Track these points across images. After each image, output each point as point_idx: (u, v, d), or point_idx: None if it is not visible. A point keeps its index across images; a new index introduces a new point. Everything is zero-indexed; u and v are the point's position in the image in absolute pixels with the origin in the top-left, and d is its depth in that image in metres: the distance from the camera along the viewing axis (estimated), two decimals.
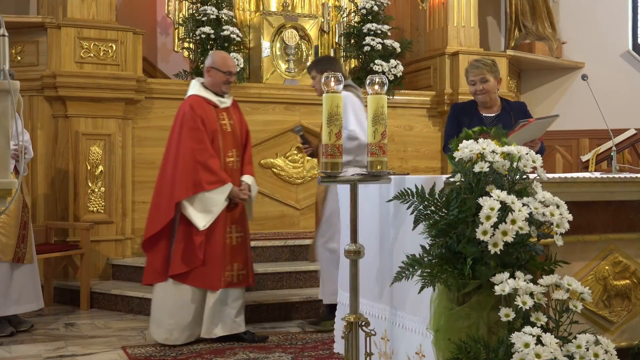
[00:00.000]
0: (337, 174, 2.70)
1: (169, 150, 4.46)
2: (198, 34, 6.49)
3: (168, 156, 4.45)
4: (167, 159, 4.44)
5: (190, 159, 4.33)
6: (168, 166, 4.41)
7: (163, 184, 4.40)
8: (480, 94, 4.03)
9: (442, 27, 7.51)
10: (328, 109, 2.70)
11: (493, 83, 4.03)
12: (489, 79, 4.01)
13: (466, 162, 2.53)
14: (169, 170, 4.39)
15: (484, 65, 4.03)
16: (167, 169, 4.41)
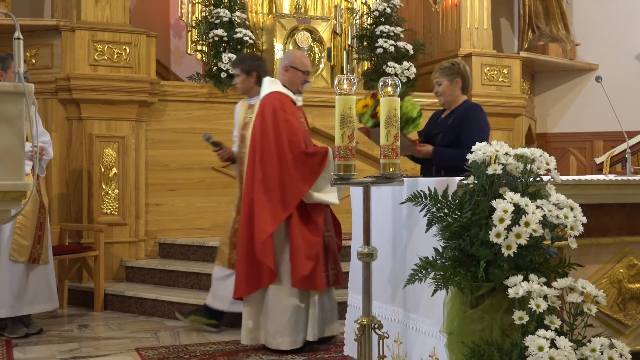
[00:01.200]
0: (350, 176, 2.70)
1: (268, 147, 4.27)
2: (211, 36, 6.52)
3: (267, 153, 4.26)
4: (269, 157, 4.26)
5: (297, 151, 4.20)
6: (272, 163, 4.24)
7: (271, 181, 4.22)
8: (437, 96, 4.18)
9: (455, 29, 7.50)
10: (340, 111, 2.70)
11: (446, 85, 4.11)
12: (442, 82, 4.13)
13: (479, 164, 2.52)
14: (275, 168, 4.23)
15: (440, 69, 4.17)
16: (272, 166, 4.24)
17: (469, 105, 4.09)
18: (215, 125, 6.49)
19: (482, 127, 4.00)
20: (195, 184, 6.44)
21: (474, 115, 3.99)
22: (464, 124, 3.95)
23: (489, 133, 4.05)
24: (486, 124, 4.04)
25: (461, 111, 4.07)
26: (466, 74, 4.14)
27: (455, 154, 3.90)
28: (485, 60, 7.35)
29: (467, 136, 3.91)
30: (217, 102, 6.51)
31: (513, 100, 7.42)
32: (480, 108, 4.10)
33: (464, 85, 4.13)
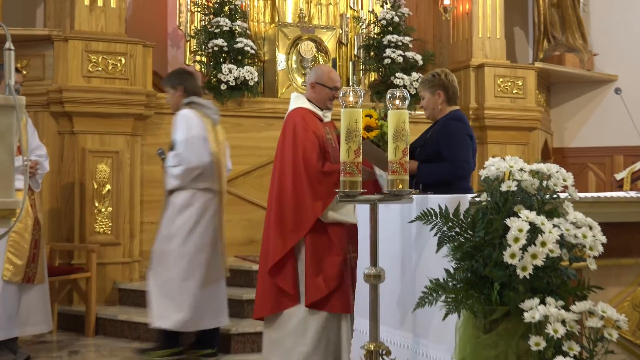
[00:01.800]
0: (356, 193, 2.70)
1: (284, 166, 4.32)
2: (210, 46, 6.55)
3: (283, 172, 4.32)
4: (284, 176, 4.31)
5: (312, 170, 4.22)
6: (287, 182, 4.28)
7: (285, 202, 4.25)
8: (423, 110, 4.22)
9: (467, 39, 7.53)
10: (347, 124, 2.71)
11: (428, 99, 4.14)
12: (424, 96, 4.16)
13: (493, 181, 2.52)
14: (290, 187, 4.25)
15: (421, 82, 4.21)
16: (287, 186, 4.27)
17: (446, 118, 4.08)
18: None
19: (461, 138, 4.00)
20: None
21: (451, 128, 4.00)
22: (442, 138, 3.97)
23: (469, 144, 4.04)
24: (464, 134, 4.03)
25: (439, 124, 4.07)
26: (449, 84, 4.13)
27: (436, 170, 3.92)
28: (498, 71, 7.37)
29: (447, 150, 3.94)
30: None
31: (528, 113, 7.43)
32: (460, 118, 4.08)
33: (449, 96, 4.13)
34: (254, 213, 6.59)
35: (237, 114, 6.59)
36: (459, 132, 4.01)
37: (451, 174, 3.93)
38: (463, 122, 4.08)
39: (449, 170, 3.93)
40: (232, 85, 6.45)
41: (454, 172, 3.93)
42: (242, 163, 6.57)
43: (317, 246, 4.18)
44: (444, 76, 4.15)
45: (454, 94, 4.15)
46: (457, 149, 3.97)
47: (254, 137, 6.64)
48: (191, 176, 4.89)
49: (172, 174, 4.91)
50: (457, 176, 3.95)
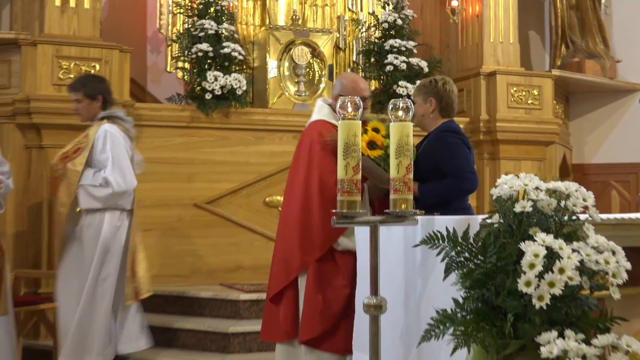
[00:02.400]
0: (355, 214, 2.71)
1: (295, 185, 4.31)
2: (194, 51, 6.58)
3: (294, 192, 4.30)
4: (294, 196, 4.29)
5: (329, 194, 4.12)
6: (296, 204, 4.26)
7: (292, 226, 4.24)
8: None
9: (477, 44, 7.57)
10: (344, 138, 2.72)
11: (419, 105, 4.18)
12: (416, 101, 4.20)
13: (505, 201, 2.53)
14: (298, 209, 4.23)
15: (417, 86, 4.26)
16: (295, 207, 4.26)
17: (439, 130, 4.11)
18: (198, 154, 6.52)
19: (461, 149, 4.04)
20: (174, 223, 6.44)
21: (447, 139, 4.03)
22: (439, 152, 3.99)
23: (468, 153, 4.08)
24: (462, 145, 4.07)
25: (432, 138, 4.09)
26: (445, 94, 4.16)
27: (440, 188, 3.95)
28: (511, 79, 7.41)
29: (448, 164, 3.98)
30: (200, 127, 6.54)
31: (544, 126, 7.46)
32: (454, 129, 4.12)
33: (442, 106, 4.16)
34: (241, 236, 6.59)
35: (223, 126, 6.61)
36: (457, 142, 4.05)
37: (458, 189, 3.96)
38: (458, 133, 4.12)
39: (454, 185, 3.95)
40: (218, 95, 6.47)
41: (460, 187, 3.96)
42: (229, 180, 6.59)
43: (322, 276, 4.14)
44: (441, 84, 4.18)
45: (448, 106, 4.17)
46: (458, 161, 4.00)
47: (241, 152, 6.65)
48: (117, 201, 5.07)
49: (95, 195, 5.05)
50: (465, 191, 3.98)
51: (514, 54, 7.59)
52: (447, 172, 3.96)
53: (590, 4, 8.45)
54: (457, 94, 4.31)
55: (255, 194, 6.70)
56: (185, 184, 6.47)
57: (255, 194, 6.70)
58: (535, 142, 7.46)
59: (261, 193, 6.70)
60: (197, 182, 6.51)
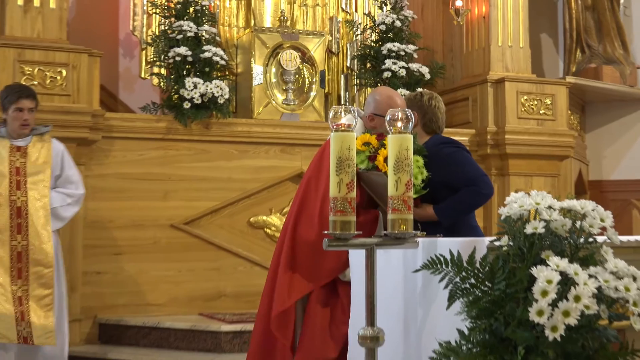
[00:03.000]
0: (349, 236, 2.71)
1: (311, 202, 4.28)
2: (171, 56, 6.58)
3: (309, 209, 4.28)
4: (310, 214, 4.27)
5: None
6: (312, 223, 4.23)
7: (303, 245, 4.20)
8: None
9: (484, 48, 7.60)
10: (337, 152, 2.73)
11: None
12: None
13: (515, 221, 2.54)
14: (318, 231, 4.15)
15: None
16: (310, 227, 4.22)
17: (430, 145, 4.14)
18: (175, 169, 6.51)
19: (462, 155, 4.13)
20: (149, 246, 6.43)
21: (444, 151, 4.11)
22: (441, 169, 4.03)
23: (471, 158, 4.19)
24: (460, 151, 4.15)
25: (429, 155, 4.13)
26: (429, 109, 4.25)
27: (457, 202, 4.02)
28: (522, 87, 7.44)
29: (456, 175, 4.04)
30: (178, 139, 6.54)
31: (558, 139, 7.49)
32: (446, 140, 4.20)
33: (425, 122, 4.25)
34: (223, 260, 6.58)
35: (203, 138, 6.61)
36: (455, 151, 4.15)
37: (478, 196, 4.07)
38: (452, 142, 4.22)
39: (473, 193, 4.04)
40: (198, 104, 6.47)
41: (480, 193, 4.06)
42: (209, 199, 6.58)
43: (321, 307, 4.15)
44: (427, 99, 4.27)
45: (432, 122, 4.27)
46: (466, 168, 4.10)
47: (223, 167, 6.65)
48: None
49: (66, 215, 5.29)
50: (486, 195, 4.10)
51: (524, 59, 7.62)
52: (459, 183, 4.05)
53: (608, 5, 8.50)
54: (444, 112, 4.40)
55: (238, 214, 6.69)
56: (160, 203, 6.46)
57: (238, 214, 6.69)
58: (548, 157, 7.48)
59: (245, 213, 6.70)
60: (174, 201, 6.50)
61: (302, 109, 7.13)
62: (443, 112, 4.34)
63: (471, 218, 4.20)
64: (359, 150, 3.99)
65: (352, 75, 7.76)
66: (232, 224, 6.66)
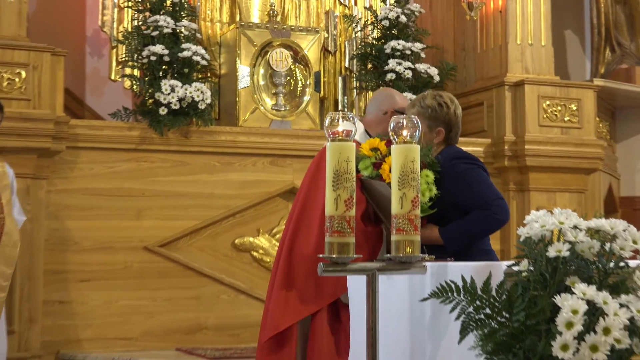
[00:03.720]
0: (347, 260, 2.71)
1: (314, 212, 4.35)
2: (145, 55, 6.59)
3: (312, 221, 4.34)
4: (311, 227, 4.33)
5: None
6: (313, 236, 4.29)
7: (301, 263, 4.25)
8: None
9: (500, 46, 7.62)
10: (333, 164, 2.73)
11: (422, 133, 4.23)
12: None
13: (536, 243, 2.54)
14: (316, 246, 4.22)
15: (419, 105, 4.25)
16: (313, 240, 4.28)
17: (442, 159, 4.13)
18: (150, 184, 6.51)
19: (477, 174, 4.10)
20: (119, 272, 6.41)
21: (458, 167, 4.08)
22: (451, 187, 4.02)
23: (488, 177, 4.16)
24: (476, 168, 4.13)
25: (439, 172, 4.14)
26: (457, 121, 4.20)
27: (467, 226, 3.99)
28: (543, 90, 7.45)
29: (468, 195, 4.02)
30: (153, 150, 6.54)
31: (585, 149, 7.50)
32: (458, 155, 4.17)
33: (450, 137, 4.21)
34: (204, 288, 6.57)
35: (181, 149, 6.61)
36: (471, 168, 4.11)
37: (490, 221, 4.03)
38: (467, 158, 4.19)
39: (485, 217, 4.01)
40: (175, 109, 6.48)
41: (492, 218, 4.01)
42: (189, 217, 6.57)
43: (326, 334, 4.18)
44: (453, 110, 4.20)
45: (457, 135, 4.24)
46: (480, 189, 4.07)
47: (205, 182, 6.65)
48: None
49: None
50: (499, 221, 4.04)
51: (546, 59, 7.64)
52: (469, 206, 4.01)
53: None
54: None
55: (221, 235, 6.68)
56: (133, 222, 6.46)
57: (221, 235, 6.68)
58: (574, 170, 7.48)
59: (229, 233, 6.69)
60: (148, 220, 6.49)
61: (295, 115, 7.14)
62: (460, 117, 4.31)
63: (484, 241, 4.18)
64: (364, 155, 4.01)
65: (351, 77, 7.77)
66: (215, 247, 6.65)
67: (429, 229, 4.06)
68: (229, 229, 6.71)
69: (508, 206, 4.13)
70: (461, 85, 7.96)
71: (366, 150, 4.02)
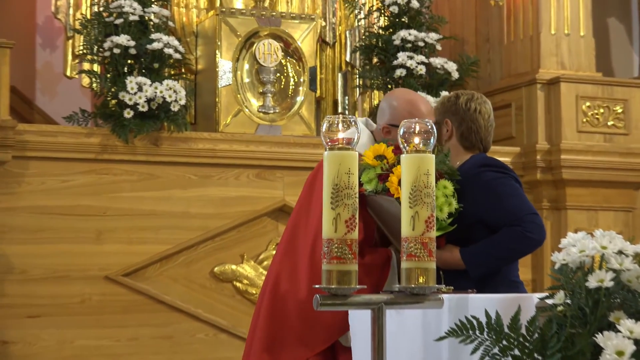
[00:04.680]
0: (349, 291, 2.71)
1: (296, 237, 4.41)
2: (108, 47, 6.59)
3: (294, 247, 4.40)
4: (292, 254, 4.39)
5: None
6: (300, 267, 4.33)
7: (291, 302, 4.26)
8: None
9: (531, 37, 7.63)
10: (332, 177, 2.74)
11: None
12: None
13: (574, 271, 2.55)
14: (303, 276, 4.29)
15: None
16: (302, 278, 4.30)
17: (469, 167, 4.16)
18: (112, 201, 6.50)
19: (508, 185, 4.13)
20: (75, 306, 6.41)
21: (485, 177, 4.11)
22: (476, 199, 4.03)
23: (521, 189, 4.18)
24: (508, 178, 4.16)
25: (465, 180, 4.15)
26: (469, 115, 4.24)
27: (494, 247, 4.01)
28: (583, 89, 7.47)
29: (495, 211, 4.05)
30: (116, 160, 6.53)
31: (633, 160, 7.50)
32: (487, 162, 4.21)
33: (462, 133, 4.25)
34: (177, 325, 6.56)
35: (150, 159, 6.61)
36: (501, 177, 4.13)
37: (522, 240, 4.03)
38: (498, 166, 4.21)
39: (515, 236, 4.01)
40: (143, 112, 6.48)
41: (524, 236, 4.00)
42: (159, 241, 6.56)
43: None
44: (464, 101, 4.22)
45: (471, 133, 4.25)
46: (511, 201, 4.08)
47: (178, 199, 6.65)
48: None
49: None
50: (533, 242, 4.04)
51: (586, 53, 7.65)
52: (497, 222, 4.01)
53: None
54: (492, 119, 4.35)
55: (198, 262, 6.68)
56: (92, 247, 6.45)
57: (198, 262, 6.68)
58: (619, 184, 7.49)
59: (207, 260, 6.69)
60: (110, 244, 6.49)
61: (286, 119, 7.14)
62: (489, 119, 4.31)
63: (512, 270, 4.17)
64: (368, 165, 4.00)
65: (352, 74, 7.78)
66: (190, 276, 6.65)
67: (448, 250, 4.06)
68: (207, 255, 6.70)
69: (542, 222, 4.12)
70: (485, 83, 7.97)
71: (369, 159, 4.01)
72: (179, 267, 6.66)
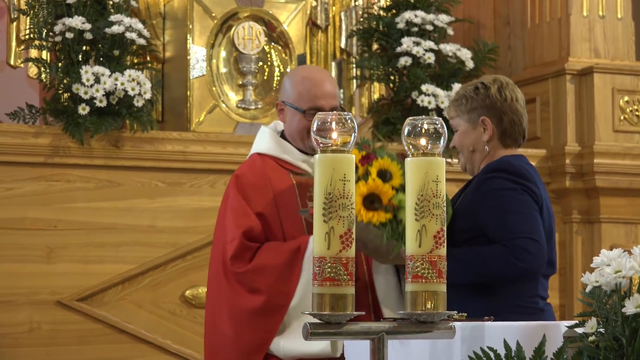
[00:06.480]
0: (344, 318, 2.73)
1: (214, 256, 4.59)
2: (59, 31, 6.60)
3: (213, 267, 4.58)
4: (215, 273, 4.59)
5: (230, 270, 4.47)
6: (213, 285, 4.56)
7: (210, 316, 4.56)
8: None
9: (559, 19, 7.65)
10: (324, 185, 2.76)
11: (463, 132, 4.36)
12: (456, 126, 4.39)
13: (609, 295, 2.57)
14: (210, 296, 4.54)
15: (454, 101, 4.44)
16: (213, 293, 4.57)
17: (485, 170, 4.23)
18: (65, 212, 6.51)
19: (514, 197, 4.16)
20: (22, 336, 6.42)
21: (491, 184, 4.16)
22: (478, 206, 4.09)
23: (531, 205, 4.19)
24: (518, 190, 4.18)
25: (476, 182, 4.24)
26: (507, 105, 4.28)
27: (475, 259, 4.08)
28: (621, 81, 7.48)
29: (491, 223, 4.12)
30: (70, 165, 6.54)
31: None
32: (503, 166, 4.25)
33: (504, 129, 4.29)
34: (144, 358, 6.57)
35: (110, 162, 6.62)
36: (509, 188, 4.17)
37: (504, 263, 4.06)
38: (513, 173, 4.23)
39: (499, 256, 4.05)
40: (102, 108, 6.49)
41: (507, 260, 4.03)
42: (120, 260, 6.57)
43: None
44: (496, 90, 4.25)
45: (514, 126, 4.29)
46: (510, 218, 4.11)
47: (143, 210, 6.66)
48: None
49: None
50: (517, 268, 4.05)
51: (624, 39, 7.67)
52: (494, 235, 4.09)
53: None
54: (525, 105, 4.40)
55: (167, 284, 6.69)
56: (41, 266, 6.46)
57: (167, 284, 6.69)
58: None
59: (177, 282, 6.70)
60: (62, 263, 6.49)
61: (270, 116, 7.15)
62: (524, 105, 4.37)
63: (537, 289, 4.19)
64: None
65: (348, 63, 7.80)
66: (157, 301, 6.65)
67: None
68: (176, 276, 6.71)
69: (541, 252, 4.12)
70: (505, 73, 7.95)
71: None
72: (143, 290, 6.67)
